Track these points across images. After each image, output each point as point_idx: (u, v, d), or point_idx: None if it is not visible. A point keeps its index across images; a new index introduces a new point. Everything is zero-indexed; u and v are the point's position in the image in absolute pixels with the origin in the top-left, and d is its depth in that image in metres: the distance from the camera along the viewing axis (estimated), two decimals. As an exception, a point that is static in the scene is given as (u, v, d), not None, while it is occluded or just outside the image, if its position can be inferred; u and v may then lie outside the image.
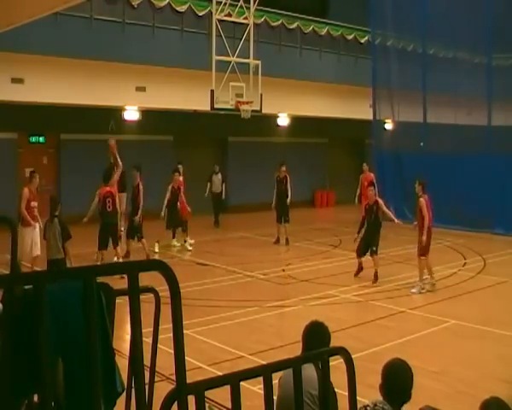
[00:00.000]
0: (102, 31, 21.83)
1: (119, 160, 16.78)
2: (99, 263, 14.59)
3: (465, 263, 18.45)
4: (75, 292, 2.73)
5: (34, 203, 14.89)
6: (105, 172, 16.31)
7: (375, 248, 16.02)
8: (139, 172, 18.49)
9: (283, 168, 22.00)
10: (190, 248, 20.37)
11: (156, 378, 3.94)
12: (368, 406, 4.68)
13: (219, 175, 25.60)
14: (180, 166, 21.46)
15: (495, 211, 23.31)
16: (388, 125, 29.72)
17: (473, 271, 17.29)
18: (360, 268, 16.39)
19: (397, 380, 4.75)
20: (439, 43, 27.25)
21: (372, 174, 23.35)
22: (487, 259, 18.84)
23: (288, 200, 21.66)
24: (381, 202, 16.56)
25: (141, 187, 18.24)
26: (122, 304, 3.15)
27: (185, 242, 20.52)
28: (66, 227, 12.39)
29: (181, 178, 20.98)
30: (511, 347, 11.11)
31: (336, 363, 3.31)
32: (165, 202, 20.02)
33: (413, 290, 14.87)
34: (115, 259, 16.12)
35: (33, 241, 14.65)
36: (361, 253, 16.36)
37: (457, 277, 16.52)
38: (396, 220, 17.09)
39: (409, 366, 4.84)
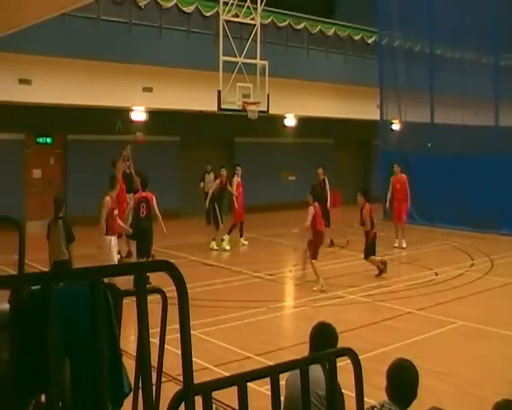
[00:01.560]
0: (109, 31, 21.89)
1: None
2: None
3: (472, 264, 18.41)
4: (82, 293, 2.73)
5: (116, 211, 14.33)
6: (144, 179, 16.26)
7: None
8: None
9: (320, 170, 21.54)
10: (228, 247, 20.71)
11: (163, 379, 3.94)
12: (375, 407, 4.68)
13: (212, 175, 25.58)
14: (239, 169, 21.85)
15: (502, 211, 23.26)
16: (395, 126, 29.67)
17: (480, 271, 17.24)
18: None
19: (402, 381, 4.75)
20: (446, 44, 27.21)
21: (404, 176, 22.36)
22: (494, 259, 18.80)
23: (328, 204, 21.13)
24: (366, 208, 16.59)
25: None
26: (129, 305, 3.15)
27: (222, 240, 20.77)
28: (70, 229, 12.32)
29: (237, 180, 21.57)
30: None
31: (344, 364, 3.30)
32: (209, 195, 20.99)
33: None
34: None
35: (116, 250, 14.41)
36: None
37: (465, 277, 16.48)
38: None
39: (413, 365, 4.84)
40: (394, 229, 21.22)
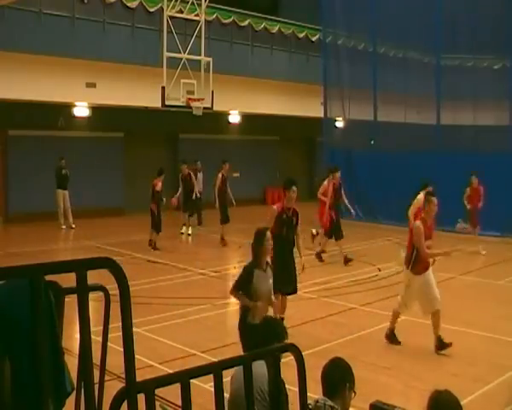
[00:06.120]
0: (52, 25, 21.55)
1: None
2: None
3: (415, 259, 18.62)
4: (23, 290, 2.69)
5: (429, 242, 11.63)
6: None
7: None
8: None
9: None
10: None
11: (107, 377, 3.90)
12: (309, 404, 4.69)
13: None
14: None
15: (443, 208, 23.55)
16: (339, 123, 29.92)
17: (422, 267, 17.46)
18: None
19: (330, 377, 4.87)
20: (390, 43, 27.54)
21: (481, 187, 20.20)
22: (436, 255, 19.03)
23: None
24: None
25: None
26: (72, 302, 3.10)
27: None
28: None
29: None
30: (460, 341, 11.27)
31: (288, 360, 3.31)
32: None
33: None
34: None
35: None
36: None
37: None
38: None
39: (344, 361, 4.97)
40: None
